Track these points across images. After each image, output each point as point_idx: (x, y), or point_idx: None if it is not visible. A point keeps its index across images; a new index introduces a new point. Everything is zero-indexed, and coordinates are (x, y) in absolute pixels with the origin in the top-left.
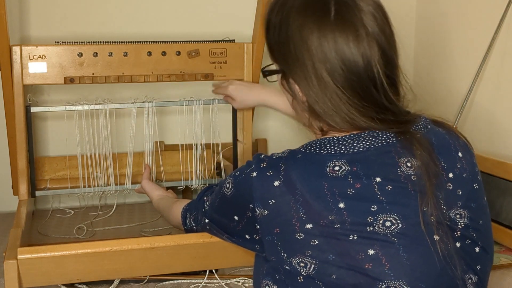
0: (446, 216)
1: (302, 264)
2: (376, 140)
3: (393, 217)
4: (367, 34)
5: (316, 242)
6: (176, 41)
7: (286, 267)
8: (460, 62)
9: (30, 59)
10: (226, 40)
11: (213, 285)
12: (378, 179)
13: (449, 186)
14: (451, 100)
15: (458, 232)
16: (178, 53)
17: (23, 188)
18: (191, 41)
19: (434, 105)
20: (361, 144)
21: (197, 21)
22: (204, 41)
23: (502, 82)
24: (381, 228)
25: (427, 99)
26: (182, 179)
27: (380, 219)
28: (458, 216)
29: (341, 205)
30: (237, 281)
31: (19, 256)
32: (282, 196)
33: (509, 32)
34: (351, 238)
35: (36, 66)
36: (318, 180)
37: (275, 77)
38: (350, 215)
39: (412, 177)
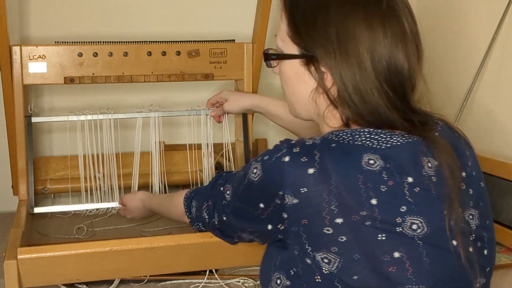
0: (463, 218)
1: (326, 260)
2: (406, 136)
3: (419, 220)
4: (412, 34)
5: (344, 238)
6: (176, 41)
7: (308, 260)
8: (460, 61)
9: (30, 59)
10: (226, 40)
11: (213, 285)
12: (410, 179)
13: (462, 186)
14: (451, 100)
15: (473, 235)
16: (178, 53)
17: (23, 188)
18: (191, 41)
19: (434, 104)
20: (394, 138)
21: (197, 21)
22: (204, 41)
23: (502, 81)
24: (408, 230)
25: (427, 98)
26: (191, 179)
27: (408, 221)
28: (470, 217)
29: (374, 201)
30: (237, 281)
31: (19, 256)
32: (315, 186)
33: (509, 32)
34: (379, 238)
35: (36, 66)
36: (353, 172)
37: (275, 63)
38: (381, 213)
39: (432, 178)
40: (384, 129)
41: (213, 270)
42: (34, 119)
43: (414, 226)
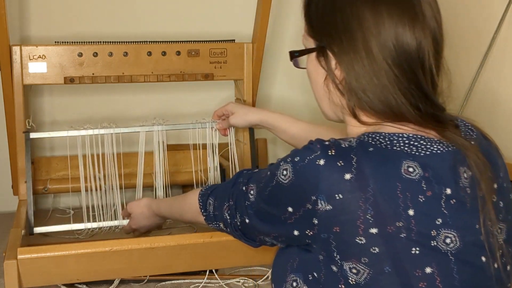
0: (493, 233)
1: (354, 271)
2: (445, 145)
3: (452, 234)
4: (424, 17)
5: (377, 250)
6: (176, 41)
7: (333, 268)
8: (463, 54)
9: (30, 59)
10: (226, 40)
11: (213, 285)
12: (448, 191)
13: (494, 198)
14: (454, 93)
15: (500, 250)
16: (178, 53)
17: (23, 188)
18: (191, 41)
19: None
20: (434, 146)
21: (197, 21)
22: (204, 41)
23: (502, 81)
24: (442, 245)
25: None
26: (195, 179)
27: (442, 234)
28: (498, 230)
29: (411, 212)
30: (237, 281)
31: (19, 256)
32: (352, 192)
33: (510, 30)
34: (413, 252)
35: (36, 66)
36: (392, 180)
37: (303, 63)
38: (417, 225)
39: (467, 189)
40: (394, 120)
41: (213, 270)
42: (32, 135)
43: (448, 240)
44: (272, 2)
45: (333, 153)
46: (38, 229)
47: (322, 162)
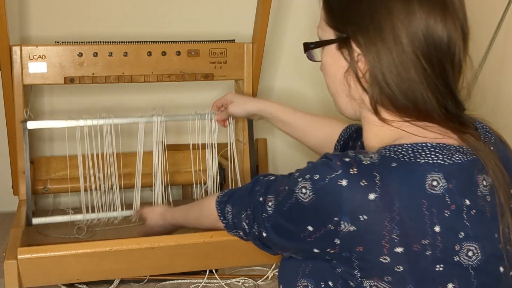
0: (510, 240)
1: None
2: (466, 154)
3: (474, 246)
4: (454, 8)
5: (401, 269)
6: (176, 41)
7: (351, 283)
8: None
9: (30, 59)
10: (226, 40)
11: (213, 285)
12: (467, 202)
13: (511, 204)
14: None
15: None
16: (178, 53)
17: (23, 188)
18: (191, 41)
19: None
20: (455, 156)
21: (197, 21)
22: (204, 41)
23: (503, 80)
24: (465, 259)
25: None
26: (194, 179)
27: (465, 248)
28: None
29: (437, 228)
30: (237, 281)
31: (19, 256)
32: (376, 213)
33: (509, 31)
34: (437, 269)
35: (36, 66)
36: (418, 197)
37: (318, 56)
38: (442, 241)
39: (487, 197)
40: (417, 118)
41: (213, 270)
42: (30, 125)
43: (470, 253)
44: (272, 2)
45: (355, 172)
46: (36, 220)
47: (344, 182)
